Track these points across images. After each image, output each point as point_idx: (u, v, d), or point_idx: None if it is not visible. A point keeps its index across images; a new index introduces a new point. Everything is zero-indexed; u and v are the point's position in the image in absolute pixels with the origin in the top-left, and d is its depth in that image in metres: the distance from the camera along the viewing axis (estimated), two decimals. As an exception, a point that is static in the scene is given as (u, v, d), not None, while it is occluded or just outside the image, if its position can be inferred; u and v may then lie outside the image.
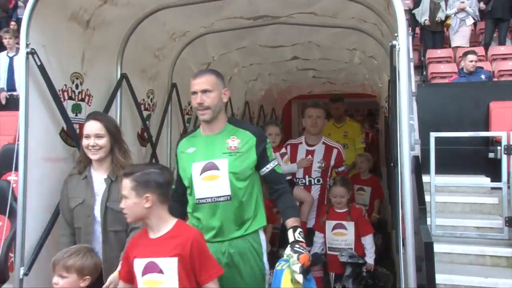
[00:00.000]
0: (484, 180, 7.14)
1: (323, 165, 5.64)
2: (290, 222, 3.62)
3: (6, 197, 4.12)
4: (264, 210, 3.87)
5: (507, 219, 6.05)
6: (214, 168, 3.60)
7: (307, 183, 5.72)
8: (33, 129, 3.76)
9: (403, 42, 3.27)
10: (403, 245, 3.41)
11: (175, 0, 4.39)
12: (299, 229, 3.56)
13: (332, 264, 5.55)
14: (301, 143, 5.83)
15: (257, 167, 3.72)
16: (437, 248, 5.42)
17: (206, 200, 3.61)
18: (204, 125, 3.76)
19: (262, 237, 3.83)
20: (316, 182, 5.72)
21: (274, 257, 4.37)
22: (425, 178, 6.09)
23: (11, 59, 10.19)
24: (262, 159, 3.70)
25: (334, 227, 5.48)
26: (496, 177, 6.44)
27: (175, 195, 3.73)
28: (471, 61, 9.63)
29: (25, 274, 3.72)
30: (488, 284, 5.48)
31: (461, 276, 5.63)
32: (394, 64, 3.42)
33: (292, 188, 4.95)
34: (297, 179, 5.71)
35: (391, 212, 5.65)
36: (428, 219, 5.86)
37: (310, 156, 5.66)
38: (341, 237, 5.46)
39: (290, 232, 3.56)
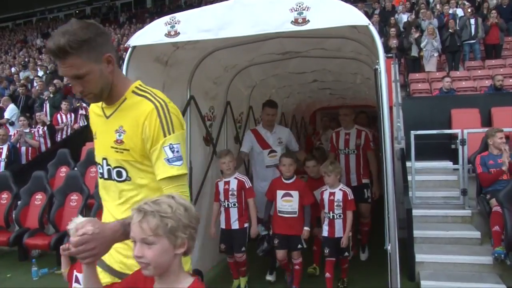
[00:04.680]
0: (448, 164, 6.95)
1: None
2: None
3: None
4: None
5: (462, 190, 6.01)
6: None
7: None
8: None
9: (382, 66, 3.11)
10: (388, 212, 3.24)
11: (227, 44, 4.27)
12: None
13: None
14: None
15: None
16: (416, 212, 5.43)
17: None
18: None
19: None
20: None
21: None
22: (408, 163, 6.06)
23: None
24: None
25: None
26: (456, 161, 6.28)
27: None
28: (447, 82, 9.74)
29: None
30: (449, 235, 5.46)
31: (431, 231, 5.56)
32: (377, 82, 3.23)
33: None
34: None
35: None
36: (410, 192, 5.86)
37: None
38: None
39: None
